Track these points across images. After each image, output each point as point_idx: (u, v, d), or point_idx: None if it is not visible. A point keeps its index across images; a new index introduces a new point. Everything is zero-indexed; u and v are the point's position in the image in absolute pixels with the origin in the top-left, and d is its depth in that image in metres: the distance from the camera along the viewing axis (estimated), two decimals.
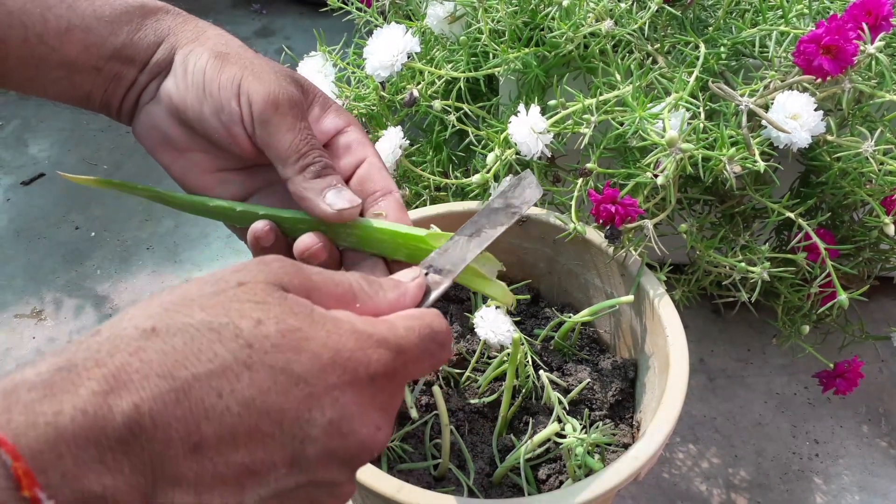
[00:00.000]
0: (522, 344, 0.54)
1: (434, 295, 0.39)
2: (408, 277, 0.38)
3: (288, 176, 0.43)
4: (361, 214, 0.44)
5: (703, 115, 0.57)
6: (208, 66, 0.43)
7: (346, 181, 0.45)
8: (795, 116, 0.54)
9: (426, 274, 0.39)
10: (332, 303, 0.33)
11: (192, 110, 0.44)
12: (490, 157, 0.64)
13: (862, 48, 0.54)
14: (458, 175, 0.71)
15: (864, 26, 0.54)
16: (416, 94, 0.68)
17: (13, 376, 0.25)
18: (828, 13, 0.60)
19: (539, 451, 0.53)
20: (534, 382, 0.56)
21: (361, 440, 0.31)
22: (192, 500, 0.27)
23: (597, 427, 0.52)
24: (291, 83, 0.45)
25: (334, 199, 0.42)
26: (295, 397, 0.29)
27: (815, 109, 0.54)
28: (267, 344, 0.28)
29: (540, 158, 0.62)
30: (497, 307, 0.56)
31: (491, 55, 0.67)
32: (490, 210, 0.42)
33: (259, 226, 0.44)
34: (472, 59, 0.69)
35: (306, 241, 0.43)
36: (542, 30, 0.65)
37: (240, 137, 0.43)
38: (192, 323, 0.28)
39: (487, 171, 0.64)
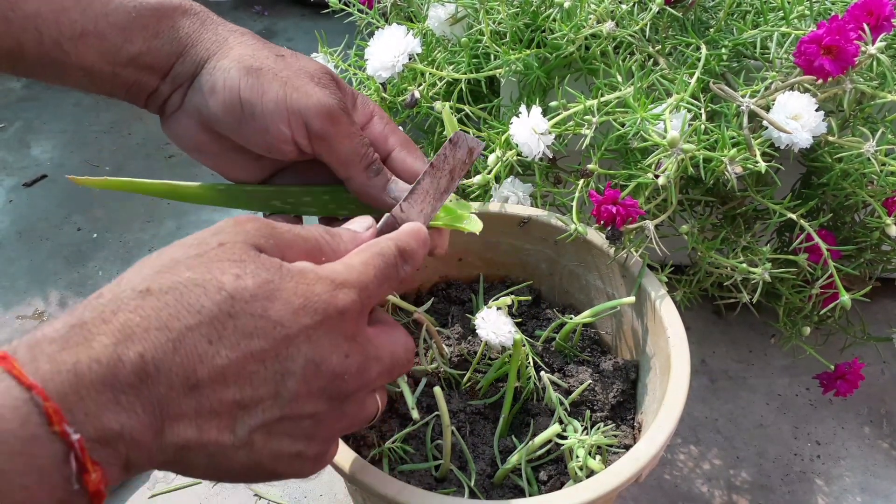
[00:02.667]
0: (524, 345, 0.54)
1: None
2: (362, 227, 0.43)
3: (350, 176, 0.46)
4: None
5: (704, 116, 0.57)
6: (243, 85, 0.43)
7: None
8: (797, 117, 0.54)
9: (392, 216, 0.44)
10: (303, 256, 0.37)
11: (228, 128, 0.44)
12: (491, 159, 0.64)
13: (863, 49, 0.54)
14: None
15: (866, 27, 0.54)
16: (417, 95, 0.68)
17: (35, 333, 0.29)
18: (829, 14, 0.60)
19: (540, 452, 0.53)
20: (535, 384, 0.56)
21: (333, 367, 0.34)
22: (194, 433, 0.31)
23: (598, 428, 0.52)
24: (330, 84, 0.45)
25: (398, 193, 0.47)
26: (274, 338, 0.32)
27: (817, 110, 0.54)
28: (246, 294, 0.32)
29: (541, 159, 0.62)
30: (498, 309, 0.56)
31: (492, 57, 0.67)
32: (437, 168, 0.45)
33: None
34: (474, 60, 0.69)
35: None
36: (544, 31, 0.65)
37: (288, 152, 0.45)
38: (181, 281, 0.31)
39: (489, 173, 0.64)
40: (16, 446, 0.26)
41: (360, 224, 0.43)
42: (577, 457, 0.50)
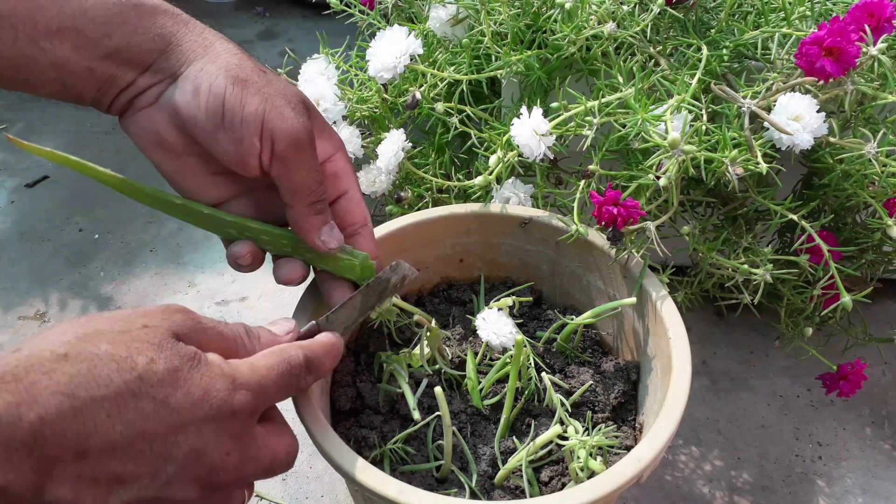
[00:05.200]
0: (525, 346, 0.54)
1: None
2: (283, 331, 0.45)
3: (293, 206, 0.47)
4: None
5: (705, 117, 0.57)
6: (228, 94, 0.44)
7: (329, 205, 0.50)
8: (798, 118, 0.54)
9: (317, 324, 0.47)
10: (218, 352, 0.39)
11: (202, 130, 0.45)
12: (492, 160, 0.64)
13: (864, 50, 0.53)
14: (461, 177, 0.71)
15: (867, 28, 0.54)
16: (418, 96, 0.68)
17: None
18: (830, 15, 0.60)
19: (541, 453, 0.53)
20: (536, 385, 0.56)
21: (212, 461, 0.37)
22: (71, 496, 0.32)
23: (599, 429, 0.52)
24: (303, 112, 0.46)
25: (328, 238, 0.49)
26: (167, 424, 0.35)
27: (818, 111, 0.54)
28: (154, 379, 0.34)
29: (542, 160, 0.62)
30: (500, 309, 0.56)
31: (493, 57, 0.67)
32: (372, 288, 0.50)
33: (241, 249, 0.49)
34: (475, 61, 0.69)
35: (289, 271, 0.51)
36: (545, 32, 0.65)
37: (251, 167, 0.45)
38: (98, 353, 0.33)
39: (490, 174, 0.64)
40: None
41: (282, 327, 0.46)
42: (579, 458, 0.50)
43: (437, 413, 0.55)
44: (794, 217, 0.58)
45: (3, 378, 0.31)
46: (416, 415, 0.54)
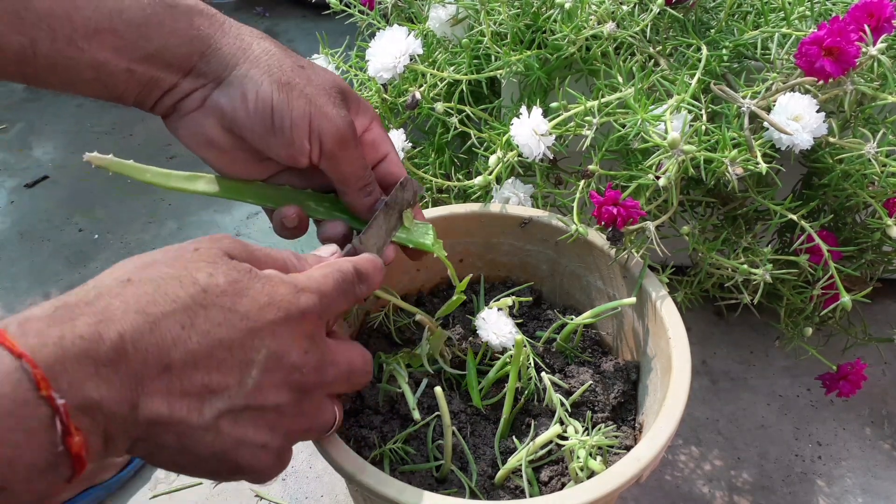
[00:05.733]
0: (525, 346, 0.54)
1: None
2: (327, 253, 0.48)
3: (346, 193, 0.50)
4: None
5: (705, 117, 0.57)
6: (276, 100, 0.45)
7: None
8: (797, 118, 0.54)
9: (353, 246, 0.49)
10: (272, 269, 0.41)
11: (251, 133, 0.47)
12: (492, 160, 0.64)
13: (864, 50, 0.54)
14: (461, 177, 0.71)
15: (866, 28, 0.54)
16: (418, 96, 0.68)
17: (24, 313, 0.32)
18: (830, 15, 0.60)
19: (541, 452, 0.53)
20: (536, 384, 0.56)
21: (293, 361, 0.38)
22: (165, 409, 0.34)
23: (599, 429, 0.52)
24: (343, 104, 0.49)
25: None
26: (241, 330, 0.36)
27: (817, 111, 0.54)
28: (217, 290, 0.36)
29: (542, 160, 0.62)
30: (499, 309, 0.56)
31: (493, 57, 0.67)
32: (390, 206, 0.52)
33: (287, 211, 0.50)
34: (475, 61, 0.69)
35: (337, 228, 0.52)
36: (545, 32, 0.65)
37: (301, 162, 0.48)
38: (160, 275, 0.35)
39: (490, 174, 0.64)
40: (8, 407, 0.28)
41: (326, 250, 0.48)
42: (578, 457, 0.50)
43: (436, 413, 0.55)
44: (794, 217, 0.58)
45: (77, 305, 0.32)
46: (416, 415, 0.54)
